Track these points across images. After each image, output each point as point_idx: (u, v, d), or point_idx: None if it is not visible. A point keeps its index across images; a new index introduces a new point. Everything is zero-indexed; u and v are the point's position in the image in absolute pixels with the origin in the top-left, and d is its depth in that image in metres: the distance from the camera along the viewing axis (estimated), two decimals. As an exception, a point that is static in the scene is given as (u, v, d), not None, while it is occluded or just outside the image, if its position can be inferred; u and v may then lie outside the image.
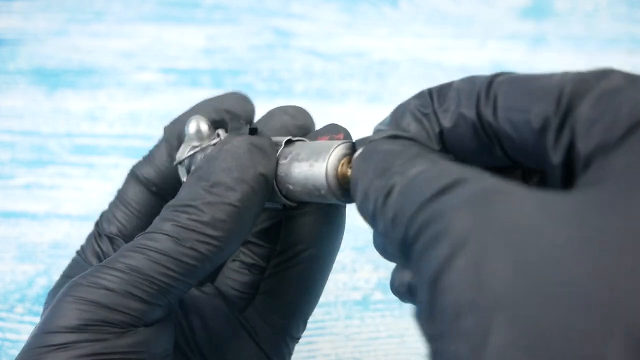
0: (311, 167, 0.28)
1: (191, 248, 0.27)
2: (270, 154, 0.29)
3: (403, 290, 0.26)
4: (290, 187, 0.29)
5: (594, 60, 0.69)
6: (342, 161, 0.28)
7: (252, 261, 0.33)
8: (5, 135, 0.62)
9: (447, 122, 0.24)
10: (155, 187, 0.35)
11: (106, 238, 0.34)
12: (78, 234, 0.54)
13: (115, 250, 0.33)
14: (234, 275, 0.33)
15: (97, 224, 0.35)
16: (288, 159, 0.29)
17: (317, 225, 0.32)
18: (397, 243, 0.21)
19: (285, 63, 0.68)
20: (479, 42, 0.70)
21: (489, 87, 0.23)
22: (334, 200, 0.28)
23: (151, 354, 0.27)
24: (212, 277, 0.34)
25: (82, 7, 0.74)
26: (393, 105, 0.26)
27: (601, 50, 0.70)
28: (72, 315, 0.26)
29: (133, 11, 0.74)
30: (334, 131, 0.32)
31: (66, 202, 0.56)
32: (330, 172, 0.27)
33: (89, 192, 0.57)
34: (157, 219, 0.28)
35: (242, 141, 0.29)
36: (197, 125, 0.33)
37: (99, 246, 0.34)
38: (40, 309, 0.50)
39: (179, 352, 0.31)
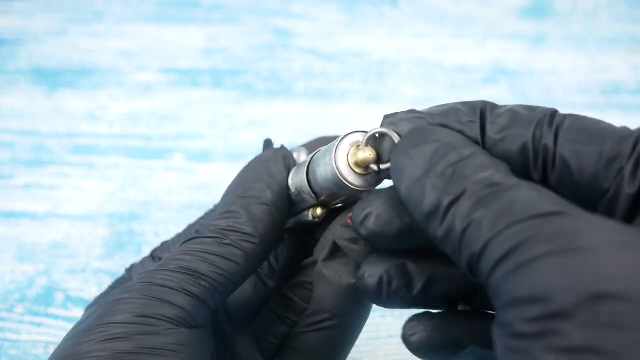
0: (326, 165, 0.29)
1: (234, 246, 0.30)
2: (285, 161, 0.33)
3: (373, 282, 0.27)
4: (321, 190, 0.31)
5: (594, 60, 0.69)
6: (351, 149, 0.29)
7: (285, 314, 0.34)
8: (5, 135, 0.62)
9: (494, 134, 0.25)
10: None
11: (156, 260, 0.35)
12: (78, 234, 0.54)
13: None
14: (267, 325, 0.34)
15: (155, 249, 0.37)
16: (312, 166, 0.31)
17: (349, 297, 0.32)
18: (466, 256, 0.22)
19: (285, 63, 0.68)
20: (479, 42, 0.70)
21: (552, 117, 0.25)
22: (359, 189, 0.29)
23: (192, 356, 0.28)
24: (248, 325, 0.35)
25: (82, 7, 0.74)
26: (393, 105, 0.26)
27: (601, 50, 0.70)
28: (127, 310, 0.28)
29: (133, 11, 0.74)
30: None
31: (66, 202, 0.56)
32: (340, 162, 0.29)
33: (89, 192, 0.57)
34: (199, 227, 0.31)
35: (265, 153, 0.33)
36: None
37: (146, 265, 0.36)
38: (41, 308, 0.50)
39: None
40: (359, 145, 0.29)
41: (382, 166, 0.28)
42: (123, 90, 0.66)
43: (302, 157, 0.36)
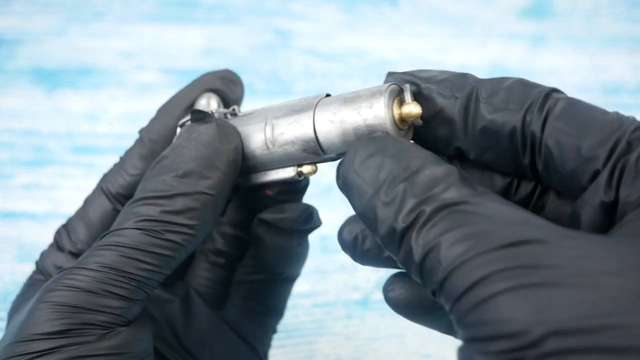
0: (361, 118, 0.27)
1: (166, 239, 0.27)
2: (236, 139, 0.29)
3: (349, 239, 0.27)
4: (335, 147, 0.28)
5: (594, 60, 0.69)
6: (394, 103, 0.27)
7: (223, 260, 0.34)
8: (5, 135, 0.62)
9: (487, 114, 0.25)
10: (123, 204, 0.32)
11: (67, 254, 0.32)
12: (78, 234, 0.54)
13: None
14: (205, 274, 0.34)
15: (57, 236, 0.33)
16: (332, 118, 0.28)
17: (296, 249, 0.33)
18: (427, 284, 0.21)
19: (285, 63, 0.68)
20: (479, 42, 0.70)
21: (544, 100, 0.24)
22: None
23: (133, 354, 0.26)
24: (181, 275, 0.35)
25: (82, 7, 0.74)
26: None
27: (601, 50, 0.70)
28: (50, 322, 0.25)
29: (133, 11, 0.74)
30: None
31: (66, 202, 0.56)
32: (387, 116, 0.26)
33: (89, 192, 0.57)
34: (122, 214, 0.28)
35: (209, 128, 0.29)
36: (208, 101, 0.33)
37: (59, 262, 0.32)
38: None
39: (161, 357, 0.31)
40: (400, 99, 0.27)
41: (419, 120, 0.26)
42: (123, 90, 0.66)
43: (212, 102, 0.33)
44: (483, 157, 0.25)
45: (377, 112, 0.26)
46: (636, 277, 0.18)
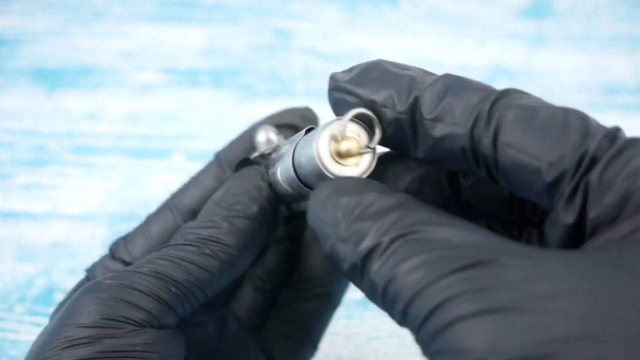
0: (308, 159, 0.27)
1: (211, 256, 0.29)
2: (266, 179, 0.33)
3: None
4: (311, 183, 0.28)
5: (594, 60, 0.69)
6: (331, 142, 0.26)
7: (267, 286, 0.35)
8: (5, 135, 0.62)
9: (434, 133, 0.23)
10: (187, 220, 0.34)
11: (119, 263, 0.34)
12: (78, 234, 0.54)
13: None
14: (248, 299, 0.35)
15: (113, 246, 0.35)
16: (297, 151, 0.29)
17: (332, 266, 0.34)
18: (393, 314, 0.21)
19: (285, 63, 0.68)
20: (479, 42, 0.70)
21: (491, 110, 0.22)
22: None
23: (162, 356, 0.27)
24: (227, 302, 0.35)
25: (82, 7, 0.74)
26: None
27: (601, 50, 0.70)
28: (92, 311, 0.27)
29: (133, 11, 0.74)
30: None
31: (66, 202, 0.56)
32: (323, 156, 0.26)
33: (89, 192, 0.57)
34: (177, 235, 0.30)
35: (254, 170, 0.33)
36: (266, 134, 0.36)
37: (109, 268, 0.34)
38: (41, 308, 0.50)
39: None
40: (337, 136, 0.26)
41: (365, 150, 0.26)
42: (123, 90, 0.66)
43: (270, 134, 0.36)
44: (444, 167, 0.25)
45: (313, 155, 0.26)
46: (587, 299, 0.17)
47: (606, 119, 0.25)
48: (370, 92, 0.25)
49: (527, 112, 0.21)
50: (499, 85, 0.25)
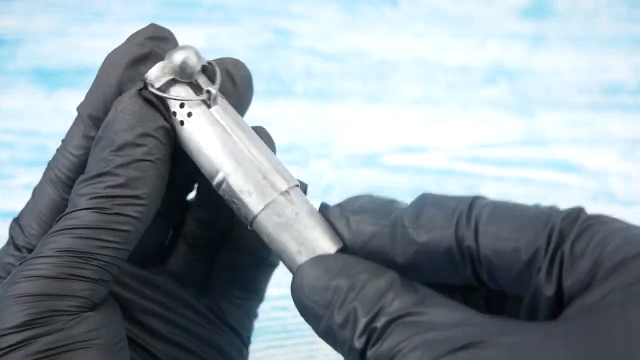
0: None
1: (118, 214, 0.26)
2: (160, 107, 0.29)
3: None
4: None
5: (594, 60, 0.69)
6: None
7: (202, 243, 0.33)
8: (5, 135, 0.62)
9: (419, 238, 0.25)
10: (71, 188, 0.31)
11: (25, 252, 0.31)
12: (78, 234, 0.54)
13: None
14: (185, 257, 0.33)
15: (12, 232, 0.32)
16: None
17: None
18: None
19: (285, 63, 0.68)
20: (479, 42, 0.70)
21: (470, 210, 0.24)
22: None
23: (105, 339, 0.26)
24: (162, 260, 0.34)
25: (82, 7, 0.74)
26: (393, 105, 0.26)
27: (601, 50, 0.70)
28: (15, 314, 0.25)
29: (133, 11, 0.74)
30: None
31: (66, 202, 0.56)
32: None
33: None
34: (71, 198, 0.28)
35: (133, 97, 0.29)
36: (184, 58, 0.32)
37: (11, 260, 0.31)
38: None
39: (137, 345, 0.30)
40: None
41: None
42: (123, 90, 0.66)
43: (191, 61, 0.32)
44: (423, 276, 0.26)
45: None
46: None
47: (606, 119, 0.25)
48: (359, 210, 0.27)
49: (499, 206, 0.24)
50: (499, 85, 0.25)
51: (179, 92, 0.30)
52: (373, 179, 0.58)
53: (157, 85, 0.30)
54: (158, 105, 0.29)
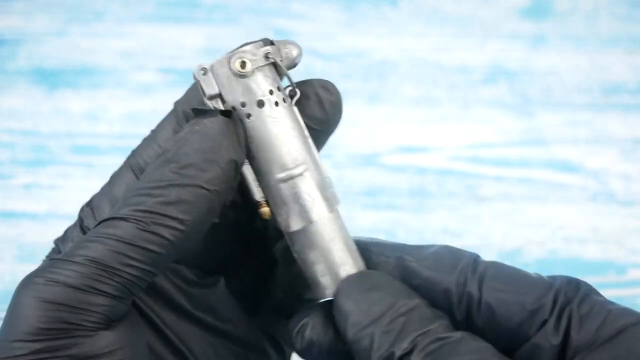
0: None
1: (154, 233, 0.25)
2: (242, 141, 0.28)
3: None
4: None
5: (594, 60, 0.69)
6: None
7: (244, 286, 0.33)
8: (5, 135, 0.62)
9: (423, 273, 0.27)
10: None
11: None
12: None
13: None
14: (245, 276, 0.33)
15: (82, 214, 0.32)
16: None
17: None
18: None
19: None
20: (479, 42, 0.70)
21: (475, 264, 0.27)
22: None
23: (124, 358, 0.25)
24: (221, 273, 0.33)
25: (82, 7, 0.74)
26: (393, 105, 0.26)
27: (601, 50, 0.70)
28: (31, 319, 0.24)
29: (133, 11, 0.74)
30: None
31: (66, 202, 0.56)
32: None
33: (89, 192, 0.57)
34: (120, 203, 0.27)
35: (214, 122, 0.27)
36: (299, 50, 0.31)
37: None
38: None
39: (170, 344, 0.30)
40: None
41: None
42: (123, 90, 0.66)
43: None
44: None
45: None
46: None
47: (606, 119, 0.25)
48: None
49: (500, 266, 0.27)
50: (499, 85, 0.26)
51: (266, 79, 0.29)
52: (373, 179, 0.58)
53: (252, 62, 0.30)
54: (242, 139, 0.28)
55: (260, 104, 0.28)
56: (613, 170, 0.58)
